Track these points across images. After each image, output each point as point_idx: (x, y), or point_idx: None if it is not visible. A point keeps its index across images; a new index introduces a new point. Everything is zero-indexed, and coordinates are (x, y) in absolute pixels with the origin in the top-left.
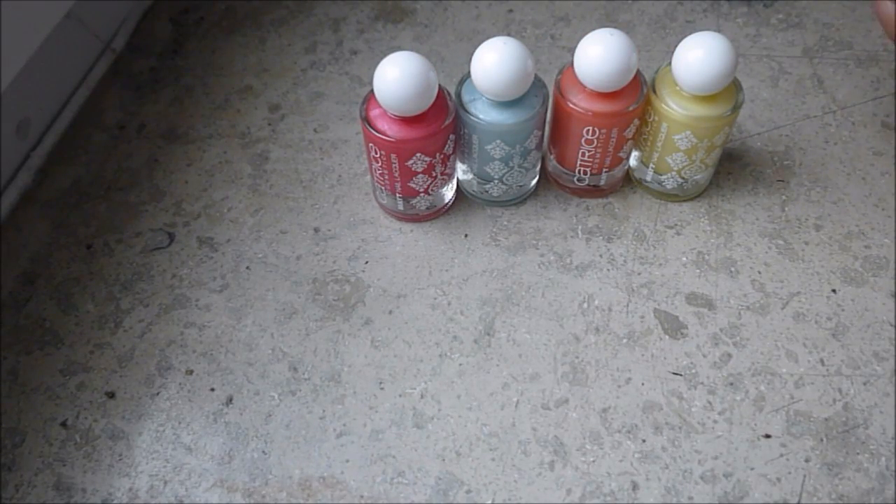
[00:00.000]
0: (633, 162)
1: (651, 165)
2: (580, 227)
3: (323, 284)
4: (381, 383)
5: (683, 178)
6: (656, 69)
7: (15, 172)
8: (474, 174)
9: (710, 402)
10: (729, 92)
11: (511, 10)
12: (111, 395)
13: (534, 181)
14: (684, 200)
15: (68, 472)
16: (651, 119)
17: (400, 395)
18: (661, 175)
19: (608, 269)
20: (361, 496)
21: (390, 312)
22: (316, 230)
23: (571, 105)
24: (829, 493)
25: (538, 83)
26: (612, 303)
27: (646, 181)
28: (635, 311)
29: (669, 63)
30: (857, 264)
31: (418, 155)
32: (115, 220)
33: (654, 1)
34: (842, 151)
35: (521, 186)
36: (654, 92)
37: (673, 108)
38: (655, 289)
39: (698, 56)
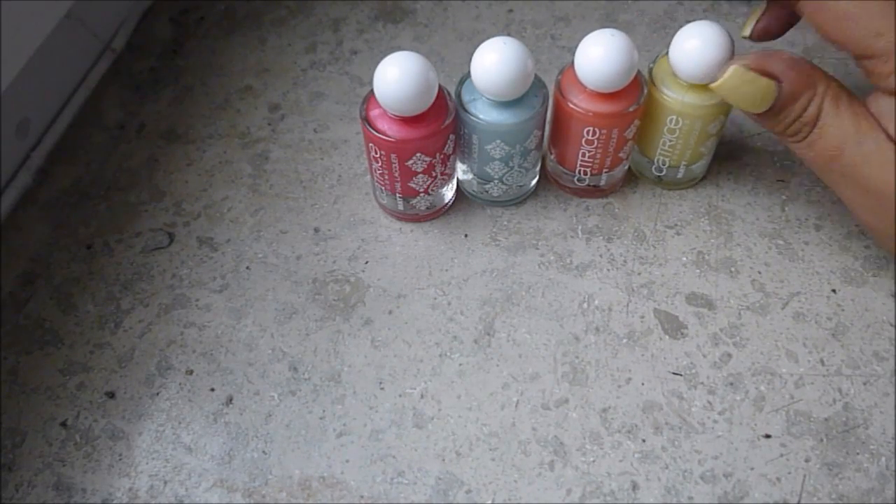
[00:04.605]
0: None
1: (683, 164)
2: (580, 227)
3: (323, 284)
4: (381, 383)
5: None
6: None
7: (15, 172)
8: (474, 174)
9: (710, 402)
10: None
11: (511, 10)
12: (111, 395)
13: (534, 181)
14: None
15: (68, 472)
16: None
17: (400, 395)
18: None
19: (608, 269)
20: (361, 496)
21: (390, 312)
22: (316, 230)
23: (572, 105)
24: (829, 493)
25: (538, 83)
26: (612, 303)
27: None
28: (635, 311)
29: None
30: (857, 264)
31: (418, 155)
32: (115, 220)
33: (654, 1)
34: None
35: (521, 186)
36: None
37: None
38: (655, 289)
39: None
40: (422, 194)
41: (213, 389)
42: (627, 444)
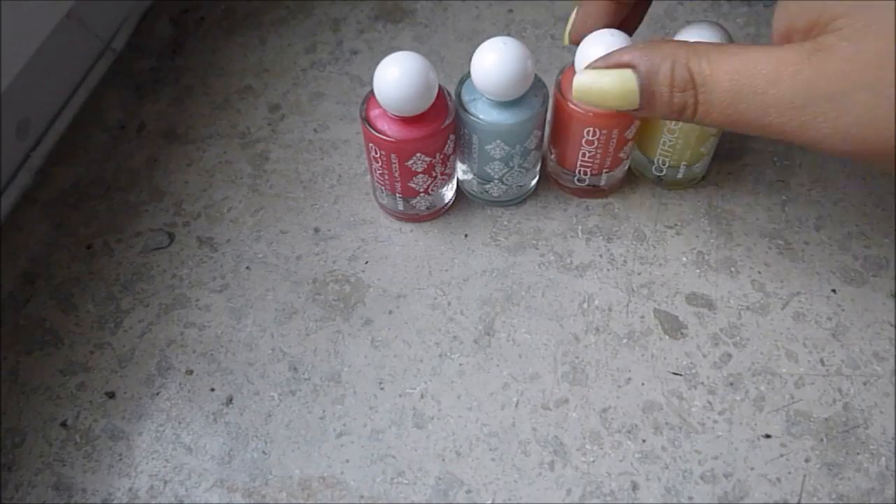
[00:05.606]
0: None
1: (684, 163)
2: (580, 227)
3: (323, 284)
4: (381, 383)
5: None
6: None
7: (15, 172)
8: (474, 174)
9: (710, 402)
10: None
11: (511, 10)
12: (111, 395)
13: (534, 181)
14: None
15: (68, 472)
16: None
17: (400, 395)
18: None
19: (608, 269)
20: (361, 496)
21: (390, 312)
22: (316, 230)
23: (572, 106)
24: (829, 493)
25: (538, 83)
26: (612, 303)
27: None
28: (635, 311)
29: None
30: (857, 264)
31: (418, 155)
32: (115, 220)
33: (654, 0)
34: None
35: (521, 186)
36: None
37: None
38: (655, 289)
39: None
40: (422, 194)
41: (213, 389)
42: (627, 444)
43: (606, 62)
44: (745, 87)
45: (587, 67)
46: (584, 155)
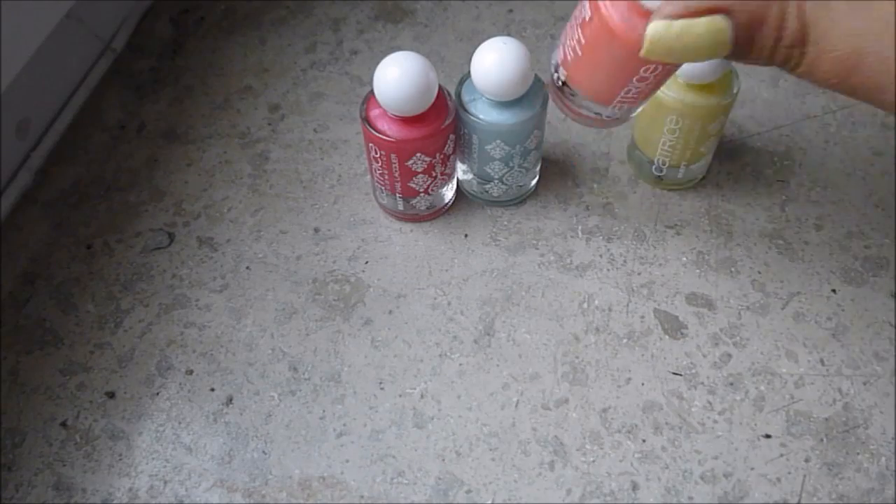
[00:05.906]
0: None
1: (683, 164)
2: (580, 227)
3: (323, 284)
4: (381, 383)
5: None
6: None
7: (15, 172)
8: (474, 174)
9: (710, 402)
10: (724, 81)
11: (511, 10)
12: (111, 395)
13: (534, 181)
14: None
15: (68, 472)
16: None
17: (400, 395)
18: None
19: (608, 269)
20: (361, 496)
21: (390, 312)
22: (316, 230)
23: (634, 35)
24: (829, 493)
25: (538, 83)
26: (612, 303)
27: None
28: (635, 311)
29: None
30: (857, 264)
31: (418, 155)
32: (115, 220)
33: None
34: (842, 151)
35: (520, 186)
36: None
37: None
38: (655, 289)
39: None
40: (422, 194)
41: (213, 389)
42: (627, 444)
43: (691, 8)
44: (869, 56)
45: (662, 15)
46: (628, 91)
